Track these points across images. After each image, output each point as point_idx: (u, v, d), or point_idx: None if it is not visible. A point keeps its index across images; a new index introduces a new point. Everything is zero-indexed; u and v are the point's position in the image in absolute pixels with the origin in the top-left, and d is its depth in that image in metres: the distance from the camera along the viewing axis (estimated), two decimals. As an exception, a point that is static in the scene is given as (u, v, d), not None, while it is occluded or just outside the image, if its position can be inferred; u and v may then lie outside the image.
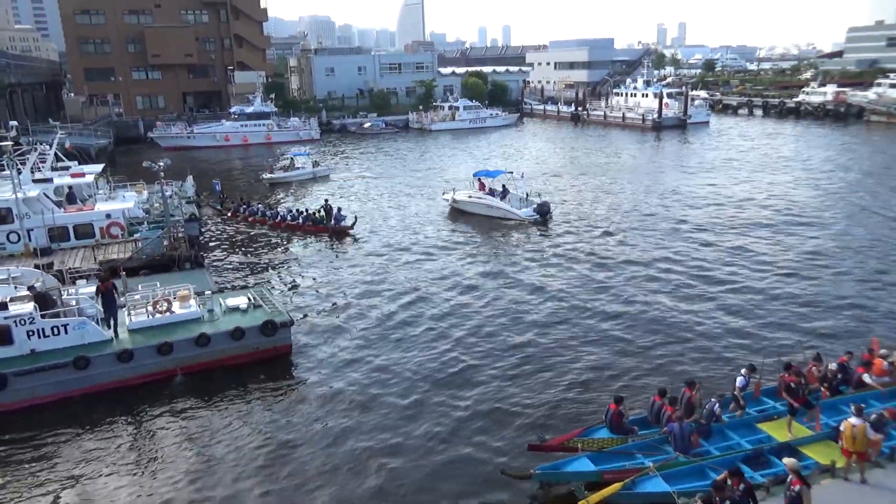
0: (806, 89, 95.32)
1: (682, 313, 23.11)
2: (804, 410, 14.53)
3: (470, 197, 38.66)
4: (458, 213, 38.78)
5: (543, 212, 36.45)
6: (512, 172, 39.13)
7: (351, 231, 35.18)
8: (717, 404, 14.62)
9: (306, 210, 37.55)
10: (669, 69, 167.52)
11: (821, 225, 34.32)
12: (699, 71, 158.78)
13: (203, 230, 34.79)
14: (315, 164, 54.16)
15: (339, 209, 36.69)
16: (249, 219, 38.49)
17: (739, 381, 15.24)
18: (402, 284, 27.05)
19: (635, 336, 21.43)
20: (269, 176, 51.36)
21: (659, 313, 23.19)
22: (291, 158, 54.03)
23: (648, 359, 19.86)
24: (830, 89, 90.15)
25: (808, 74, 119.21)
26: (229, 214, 39.71)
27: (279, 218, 37.39)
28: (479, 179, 39.43)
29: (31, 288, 19.59)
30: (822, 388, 15.52)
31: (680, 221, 35.86)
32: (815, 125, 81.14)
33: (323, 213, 36.29)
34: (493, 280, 27.28)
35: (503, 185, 38.59)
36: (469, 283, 27.04)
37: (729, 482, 11.15)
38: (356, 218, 36.16)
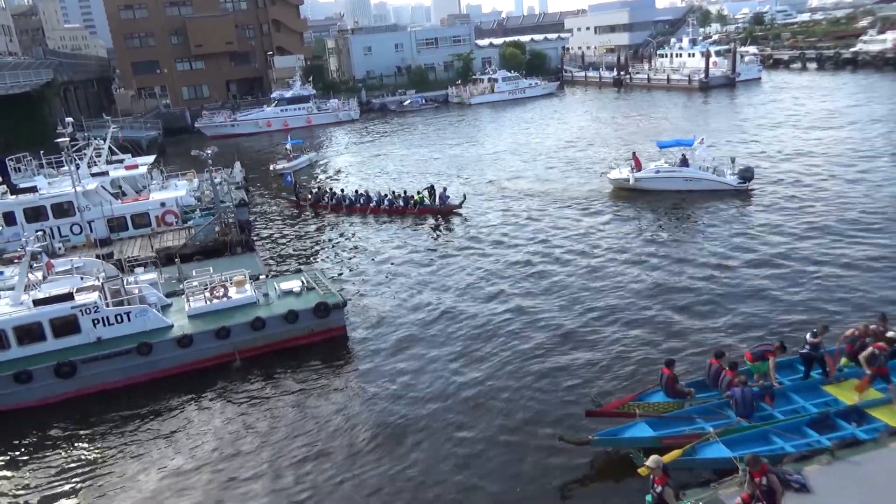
0: (864, 38, 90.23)
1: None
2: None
3: (658, 172, 34.54)
4: (620, 193, 34.69)
5: (748, 177, 32.90)
6: (695, 140, 35.66)
7: (459, 210, 33.53)
8: (808, 344, 14.41)
9: (404, 192, 35.63)
10: (715, 26, 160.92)
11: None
12: (747, 26, 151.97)
13: (252, 217, 35.35)
14: (303, 150, 52.75)
15: (445, 188, 35.14)
16: (339, 208, 36.08)
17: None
18: (492, 270, 25.68)
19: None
20: (277, 167, 48.14)
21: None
22: (286, 147, 51.24)
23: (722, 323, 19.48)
24: (891, 36, 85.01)
25: (865, 22, 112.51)
26: (309, 206, 37.24)
27: (374, 204, 35.25)
28: (634, 154, 35.69)
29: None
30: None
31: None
32: (876, 75, 77.06)
33: (424, 194, 34.60)
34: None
35: (683, 155, 34.67)
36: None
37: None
38: (465, 196, 34.68)
